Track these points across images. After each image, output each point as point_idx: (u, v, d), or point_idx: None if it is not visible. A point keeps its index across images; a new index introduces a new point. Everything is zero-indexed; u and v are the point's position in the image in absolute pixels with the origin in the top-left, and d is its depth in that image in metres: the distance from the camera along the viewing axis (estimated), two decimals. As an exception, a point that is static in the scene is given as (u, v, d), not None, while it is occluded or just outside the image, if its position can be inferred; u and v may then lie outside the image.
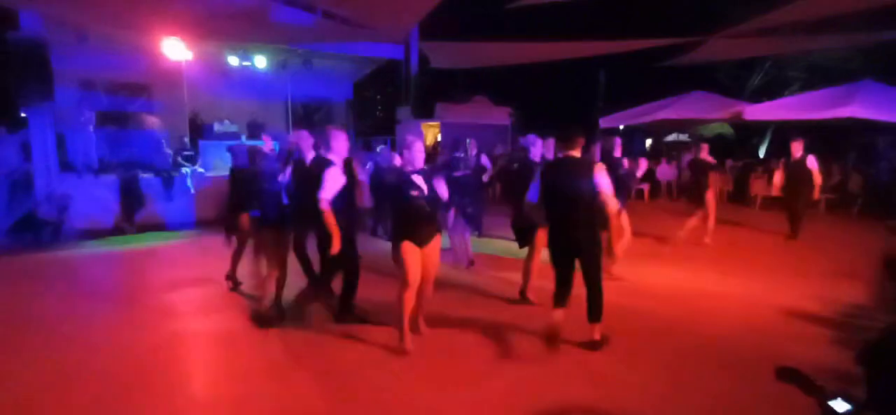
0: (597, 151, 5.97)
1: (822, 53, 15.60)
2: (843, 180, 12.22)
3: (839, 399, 1.31)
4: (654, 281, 6.09)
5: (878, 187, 11.44)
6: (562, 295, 4.07)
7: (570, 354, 4.06)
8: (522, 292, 5.29)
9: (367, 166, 7.79)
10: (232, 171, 5.81)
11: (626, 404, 3.36)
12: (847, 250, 7.91)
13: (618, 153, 6.04)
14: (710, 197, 8.01)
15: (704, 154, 8.12)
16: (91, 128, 9.60)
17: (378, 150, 9.92)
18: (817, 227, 9.77)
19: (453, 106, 17.54)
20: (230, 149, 6.49)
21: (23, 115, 10.59)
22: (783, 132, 10.53)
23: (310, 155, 4.77)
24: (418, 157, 4.05)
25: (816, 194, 8.32)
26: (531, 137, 5.12)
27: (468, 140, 8.79)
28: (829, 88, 11.84)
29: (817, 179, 7.96)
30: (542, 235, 4.95)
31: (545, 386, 3.55)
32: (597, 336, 4.08)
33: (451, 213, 6.22)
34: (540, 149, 5.15)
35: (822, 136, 14.00)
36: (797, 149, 8.02)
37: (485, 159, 8.67)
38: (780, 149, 7.98)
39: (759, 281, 6.17)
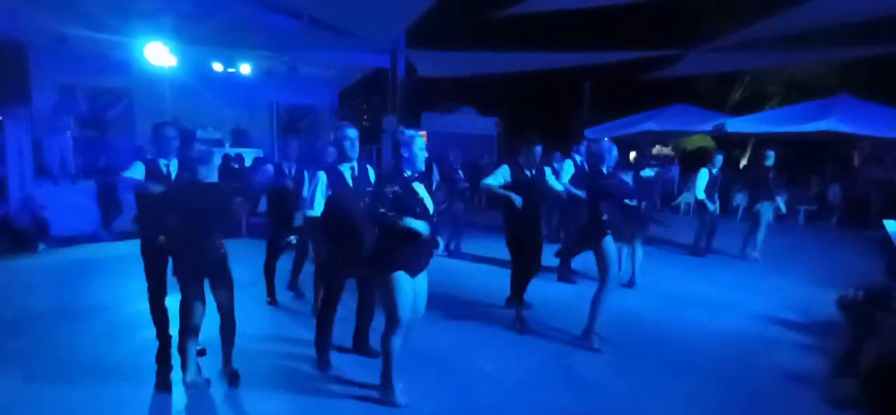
0: None
1: (800, 68, 15.95)
2: (822, 192, 12.49)
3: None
4: (641, 289, 6.10)
5: (856, 199, 11.70)
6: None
7: (556, 360, 4.08)
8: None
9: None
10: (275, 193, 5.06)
11: (608, 409, 3.36)
12: (825, 261, 8.05)
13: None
14: None
15: None
16: (69, 133, 9.38)
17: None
18: (797, 237, 9.93)
19: (440, 116, 17.60)
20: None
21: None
22: (763, 145, 10.70)
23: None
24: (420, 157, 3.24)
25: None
26: (557, 156, 5.19)
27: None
28: (808, 102, 12.10)
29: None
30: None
31: (529, 392, 3.54)
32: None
33: None
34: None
35: (801, 148, 14.30)
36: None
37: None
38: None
39: (739, 290, 6.24)
